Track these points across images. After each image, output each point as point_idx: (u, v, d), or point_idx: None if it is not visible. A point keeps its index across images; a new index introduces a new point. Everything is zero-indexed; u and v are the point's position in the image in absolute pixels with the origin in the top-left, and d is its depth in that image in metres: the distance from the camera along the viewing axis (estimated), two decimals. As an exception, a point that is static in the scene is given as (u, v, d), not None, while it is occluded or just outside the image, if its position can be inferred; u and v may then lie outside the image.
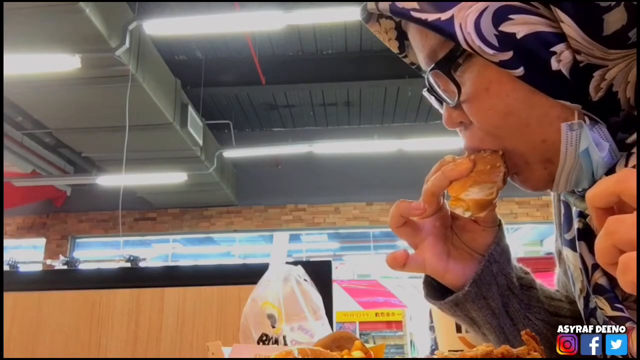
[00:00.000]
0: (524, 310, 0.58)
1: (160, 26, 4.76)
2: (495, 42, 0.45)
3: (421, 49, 0.53)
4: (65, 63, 4.50)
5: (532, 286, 0.59)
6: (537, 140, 0.48)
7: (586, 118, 0.46)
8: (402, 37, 0.58)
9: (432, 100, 0.57)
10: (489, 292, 0.56)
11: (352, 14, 4.61)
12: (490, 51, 0.45)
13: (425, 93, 0.57)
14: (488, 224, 0.56)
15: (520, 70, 0.45)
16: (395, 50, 0.59)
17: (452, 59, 0.48)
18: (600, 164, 0.46)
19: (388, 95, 7.64)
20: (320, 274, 1.17)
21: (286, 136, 8.14)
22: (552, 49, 0.44)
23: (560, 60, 0.45)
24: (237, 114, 8.06)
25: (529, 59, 0.45)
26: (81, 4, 3.96)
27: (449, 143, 6.91)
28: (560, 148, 0.47)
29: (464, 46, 0.46)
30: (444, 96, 0.52)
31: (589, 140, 0.46)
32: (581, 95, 0.46)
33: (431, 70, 0.50)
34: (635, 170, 0.34)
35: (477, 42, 0.45)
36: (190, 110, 6.31)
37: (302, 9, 4.68)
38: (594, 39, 0.43)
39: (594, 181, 0.47)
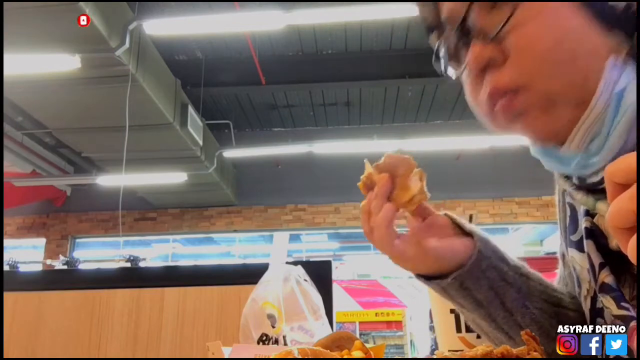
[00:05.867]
0: (523, 299, 0.59)
1: (160, 26, 4.76)
2: None
3: None
4: (65, 63, 4.50)
5: (530, 277, 0.61)
6: (579, 78, 0.45)
7: (632, 60, 0.44)
8: None
9: (441, 60, 0.54)
10: (475, 285, 0.58)
11: (352, 14, 4.61)
12: None
13: (438, 49, 0.54)
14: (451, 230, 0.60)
15: None
16: None
17: None
18: (628, 112, 0.44)
19: (388, 95, 7.64)
20: (320, 274, 1.17)
21: (286, 136, 8.13)
22: None
23: None
24: (237, 114, 8.06)
25: None
26: (81, 4, 3.96)
27: (449, 143, 6.92)
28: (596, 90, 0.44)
29: None
30: (480, 31, 0.49)
31: (628, 79, 0.43)
32: (634, 33, 0.44)
33: None
34: None
35: None
36: (190, 110, 6.31)
37: (302, 9, 4.68)
38: None
39: (603, 147, 0.45)
